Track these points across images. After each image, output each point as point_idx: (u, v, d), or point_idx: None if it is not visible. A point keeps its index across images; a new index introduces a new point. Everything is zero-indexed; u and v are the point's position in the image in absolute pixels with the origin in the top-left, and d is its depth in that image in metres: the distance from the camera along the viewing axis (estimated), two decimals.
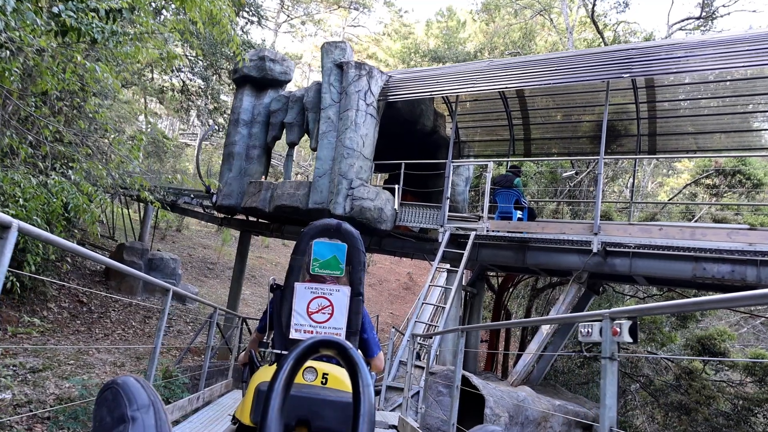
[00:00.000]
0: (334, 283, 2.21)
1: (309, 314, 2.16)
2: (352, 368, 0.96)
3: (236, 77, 11.70)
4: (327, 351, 0.99)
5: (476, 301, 10.79)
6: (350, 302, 2.18)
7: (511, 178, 9.03)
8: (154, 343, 4.35)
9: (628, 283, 9.70)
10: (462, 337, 4.63)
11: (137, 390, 0.99)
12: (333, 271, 2.19)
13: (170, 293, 4.47)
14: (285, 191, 10.15)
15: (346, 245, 2.20)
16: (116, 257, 17.72)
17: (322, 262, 2.18)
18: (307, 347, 0.98)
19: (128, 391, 0.98)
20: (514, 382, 8.66)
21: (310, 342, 0.98)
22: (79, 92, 5.43)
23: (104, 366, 11.90)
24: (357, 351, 1.01)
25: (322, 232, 2.22)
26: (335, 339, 1.00)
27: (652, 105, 10.08)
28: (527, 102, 11.27)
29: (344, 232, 2.23)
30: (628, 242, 7.78)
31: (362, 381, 0.94)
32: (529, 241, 8.76)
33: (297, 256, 2.25)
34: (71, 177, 5.38)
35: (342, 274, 2.20)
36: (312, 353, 0.98)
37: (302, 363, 0.98)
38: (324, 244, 2.19)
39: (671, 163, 19.52)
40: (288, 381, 0.93)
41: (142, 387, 1.01)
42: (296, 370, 0.96)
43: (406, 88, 9.87)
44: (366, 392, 0.93)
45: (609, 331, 2.39)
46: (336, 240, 2.21)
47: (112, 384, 1.04)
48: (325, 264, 2.18)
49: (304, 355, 0.97)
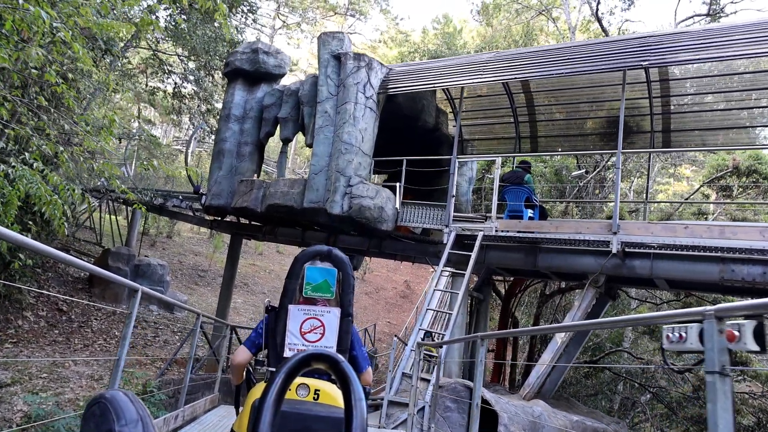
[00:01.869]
0: (325, 305, 2.32)
1: (302, 334, 2.27)
2: (345, 382, 1.02)
3: (227, 71, 11.07)
4: (319, 364, 1.05)
5: (482, 307, 10.10)
6: (340, 323, 2.29)
7: (522, 175, 8.39)
8: (117, 354, 3.66)
9: (647, 287, 9.08)
10: (482, 346, 3.97)
11: (126, 405, 1.02)
12: (324, 294, 2.32)
13: (138, 294, 3.78)
14: (278, 190, 9.48)
15: (337, 270, 2.33)
16: (101, 263, 16.99)
17: (314, 285, 2.31)
18: (299, 360, 1.02)
19: (116, 406, 1.01)
20: (526, 396, 7.98)
21: (303, 355, 1.03)
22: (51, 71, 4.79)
23: (80, 379, 11.11)
24: (348, 365, 1.05)
25: (314, 258, 2.36)
26: (327, 352, 1.05)
27: (666, 99, 9.51)
28: (533, 98, 10.68)
29: (335, 258, 2.35)
30: (650, 242, 7.16)
31: (354, 395, 1.00)
32: (541, 241, 8.12)
33: (291, 279, 2.36)
34: (33, 164, 4.70)
35: (332, 296, 2.32)
36: (304, 366, 1.03)
37: (295, 375, 1.03)
38: (316, 269, 2.32)
39: (677, 166, 18.97)
40: (281, 392, 0.98)
41: (131, 401, 1.05)
42: (289, 382, 1.01)
43: (408, 81, 9.27)
44: (358, 406, 0.98)
45: (716, 335, 1.73)
46: (327, 265, 2.34)
47: (100, 398, 1.06)
48: (317, 287, 2.31)
49: (296, 368, 1.02)
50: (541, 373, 8.03)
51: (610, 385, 14.77)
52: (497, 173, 8.24)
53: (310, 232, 11.57)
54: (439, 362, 7.20)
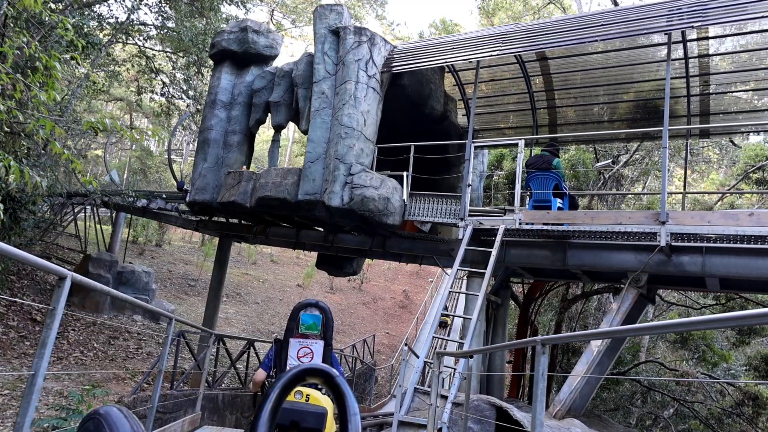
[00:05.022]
0: (314, 338, 3.42)
1: (298, 358, 3.36)
2: (340, 397, 1.09)
3: (213, 52, 10.02)
4: (314, 379, 1.16)
5: (500, 313, 8.96)
6: (324, 350, 3.40)
7: (549, 159, 7.30)
8: (33, 368, 2.54)
9: (694, 287, 8.01)
10: (544, 354, 2.87)
11: (119, 420, 1.03)
12: (313, 331, 3.42)
13: (66, 283, 2.68)
14: (269, 180, 8.38)
15: (321, 315, 3.44)
16: (81, 270, 15.84)
17: (307, 326, 3.42)
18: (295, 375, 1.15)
19: (110, 422, 1.02)
20: (557, 414, 6.86)
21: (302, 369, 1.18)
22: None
23: (47, 396, 9.90)
24: (343, 379, 1.14)
25: (306, 308, 3.47)
26: (323, 367, 1.17)
27: (704, 79, 8.50)
28: (553, 81, 9.67)
29: (320, 307, 3.49)
30: (706, 233, 6.09)
31: (350, 409, 1.06)
32: (572, 236, 7.05)
33: (291, 321, 3.48)
34: None
35: (319, 333, 3.42)
36: (298, 381, 1.15)
37: (294, 386, 1.14)
38: (307, 315, 3.44)
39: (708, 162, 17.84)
40: (281, 393, 1.10)
41: (125, 417, 1.05)
42: (288, 390, 1.12)
43: (415, 58, 8.24)
44: (353, 420, 1.04)
45: None
46: (315, 311, 3.46)
47: (95, 414, 1.07)
48: (308, 327, 3.42)
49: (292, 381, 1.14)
50: (574, 388, 6.92)
51: (631, 399, 13.64)
52: (520, 157, 7.17)
53: (305, 232, 10.47)
54: (460, 376, 6.08)
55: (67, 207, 20.36)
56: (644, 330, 3.19)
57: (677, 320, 2.21)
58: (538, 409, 2.84)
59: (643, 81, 9.03)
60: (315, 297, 26.95)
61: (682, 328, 2.13)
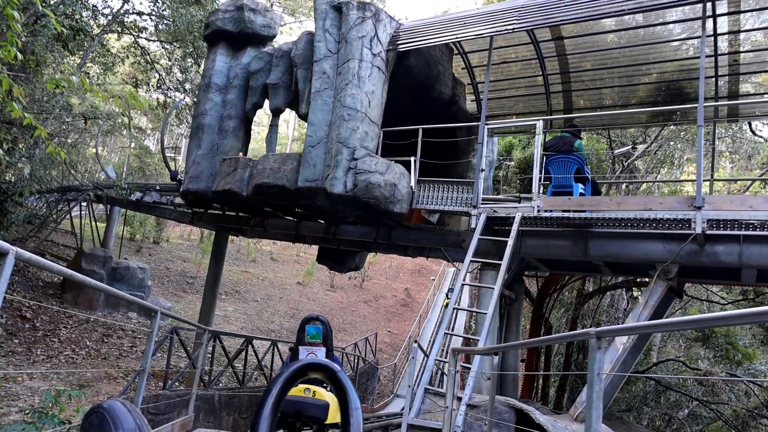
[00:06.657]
0: (318, 346, 4.31)
1: None
2: (342, 391, 1.06)
3: (208, 33, 9.46)
4: (315, 373, 1.13)
5: (514, 309, 8.39)
6: (326, 355, 4.33)
7: (570, 141, 6.73)
8: None
9: (728, 280, 7.45)
10: (599, 348, 2.32)
11: (123, 414, 1.01)
12: (317, 340, 4.33)
13: (8, 258, 2.14)
14: (267, 166, 7.82)
15: (322, 327, 4.40)
16: (74, 266, 15.29)
17: (311, 335, 4.33)
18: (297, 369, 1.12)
19: (114, 416, 1.00)
20: (578, 417, 6.30)
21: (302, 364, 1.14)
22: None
23: (32, 396, 9.38)
24: (344, 374, 1.12)
25: (310, 321, 4.45)
26: (325, 362, 1.14)
27: (734, 57, 7.93)
28: (569, 62, 9.10)
29: (321, 321, 4.48)
30: (747, 219, 5.53)
31: (351, 404, 1.04)
32: (594, 224, 6.49)
33: (300, 333, 4.41)
34: None
35: (321, 341, 4.34)
36: (301, 375, 1.12)
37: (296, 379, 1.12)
38: (311, 326, 4.37)
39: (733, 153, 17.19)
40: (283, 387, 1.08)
41: (129, 411, 1.03)
42: (290, 384, 1.10)
43: (423, 34, 7.68)
44: (355, 414, 1.02)
45: None
46: (317, 324, 4.42)
47: (98, 408, 1.06)
48: (312, 336, 4.33)
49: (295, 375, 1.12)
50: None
51: (644, 400, 13.08)
52: (539, 139, 6.60)
53: (305, 224, 9.91)
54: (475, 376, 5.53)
55: (62, 203, 19.88)
56: (707, 322, 2.64)
57: (742, 311, 1.65)
58: (593, 418, 2.28)
59: (665, 61, 8.46)
60: (315, 294, 26.44)
61: (753, 319, 1.59)
